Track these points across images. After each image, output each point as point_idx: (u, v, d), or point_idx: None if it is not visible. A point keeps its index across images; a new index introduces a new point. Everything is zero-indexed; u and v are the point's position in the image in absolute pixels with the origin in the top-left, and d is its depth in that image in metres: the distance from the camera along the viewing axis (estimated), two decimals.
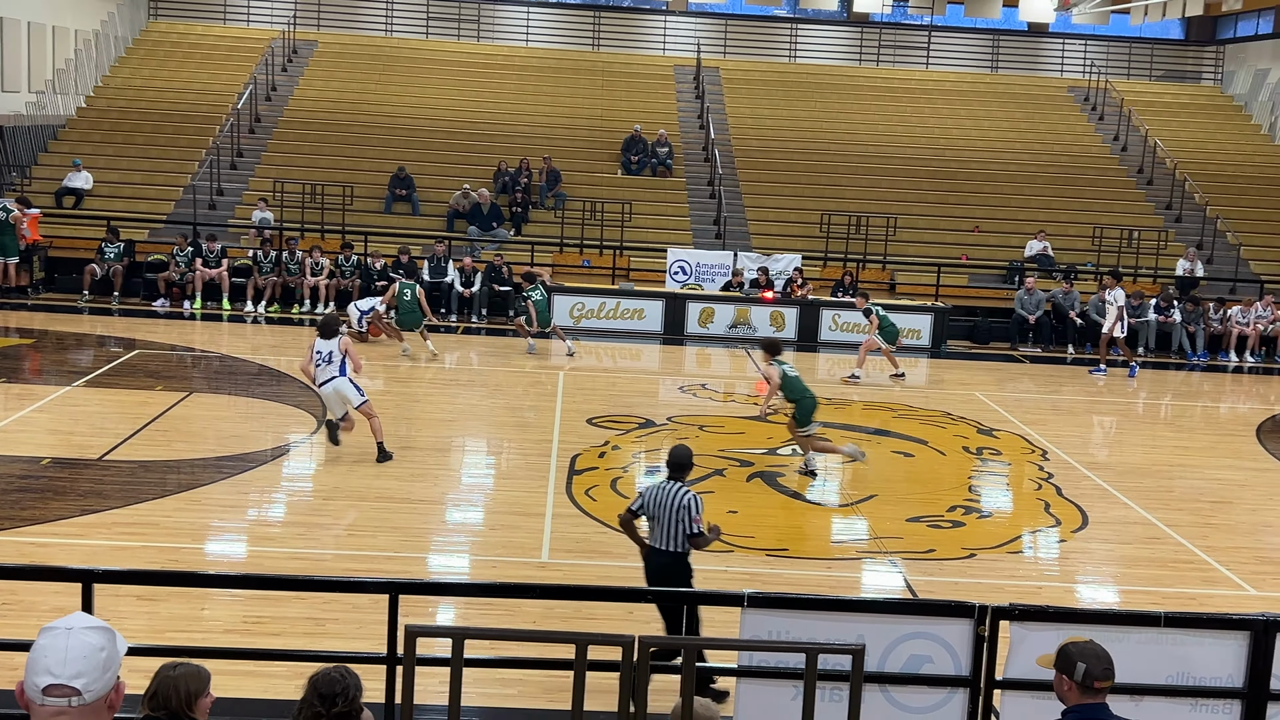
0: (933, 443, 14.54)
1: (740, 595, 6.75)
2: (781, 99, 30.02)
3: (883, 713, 6.66)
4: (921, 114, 29.86)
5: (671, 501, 7.89)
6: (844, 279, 22.22)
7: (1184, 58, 35.83)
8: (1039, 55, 35.36)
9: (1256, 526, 12.03)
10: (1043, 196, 26.45)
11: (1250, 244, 25.35)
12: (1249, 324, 21.54)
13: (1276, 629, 6.77)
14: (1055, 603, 9.21)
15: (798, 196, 25.75)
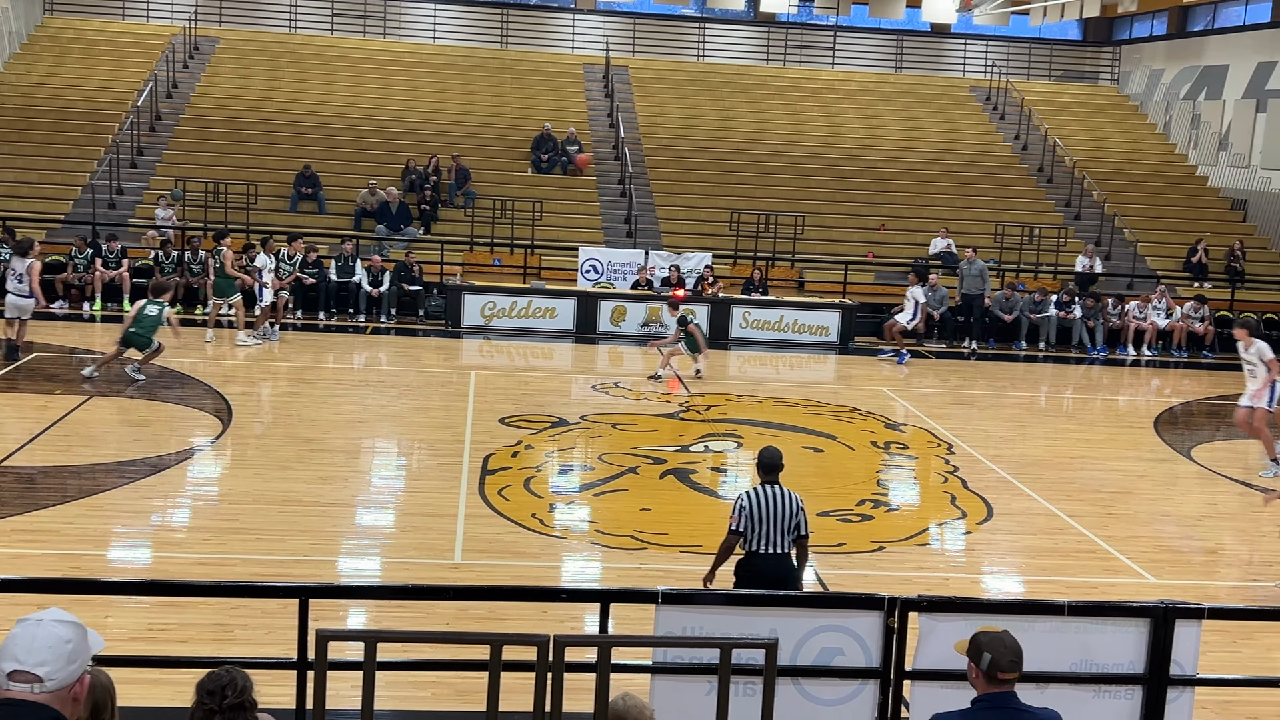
0: (842, 438, 14.71)
1: (654, 592, 6.78)
2: (691, 98, 30.16)
3: (795, 706, 6.72)
4: (828, 113, 30.20)
5: (787, 506, 7.93)
6: (754, 276, 22.39)
7: (1082, 58, 36.72)
8: (942, 55, 35.98)
9: (1155, 516, 12.36)
10: (946, 194, 26.91)
11: (1146, 240, 26.05)
12: (1146, 319, 22.13)
13: (1175, 616, 6.96)
14: (962, 593, 9.38)
15: (708, 195, 25.89)
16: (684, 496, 12.19)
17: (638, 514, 11.53)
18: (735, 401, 16.42)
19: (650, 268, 22.28)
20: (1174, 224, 26.78)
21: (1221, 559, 11.20)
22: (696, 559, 10.38)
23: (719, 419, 15.38)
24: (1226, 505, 13.01)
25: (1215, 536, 11.82)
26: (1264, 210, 28.45)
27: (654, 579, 9.49)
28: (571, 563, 10.42)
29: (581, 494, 12.21)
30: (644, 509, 11.68)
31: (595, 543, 10.79)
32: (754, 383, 18.02)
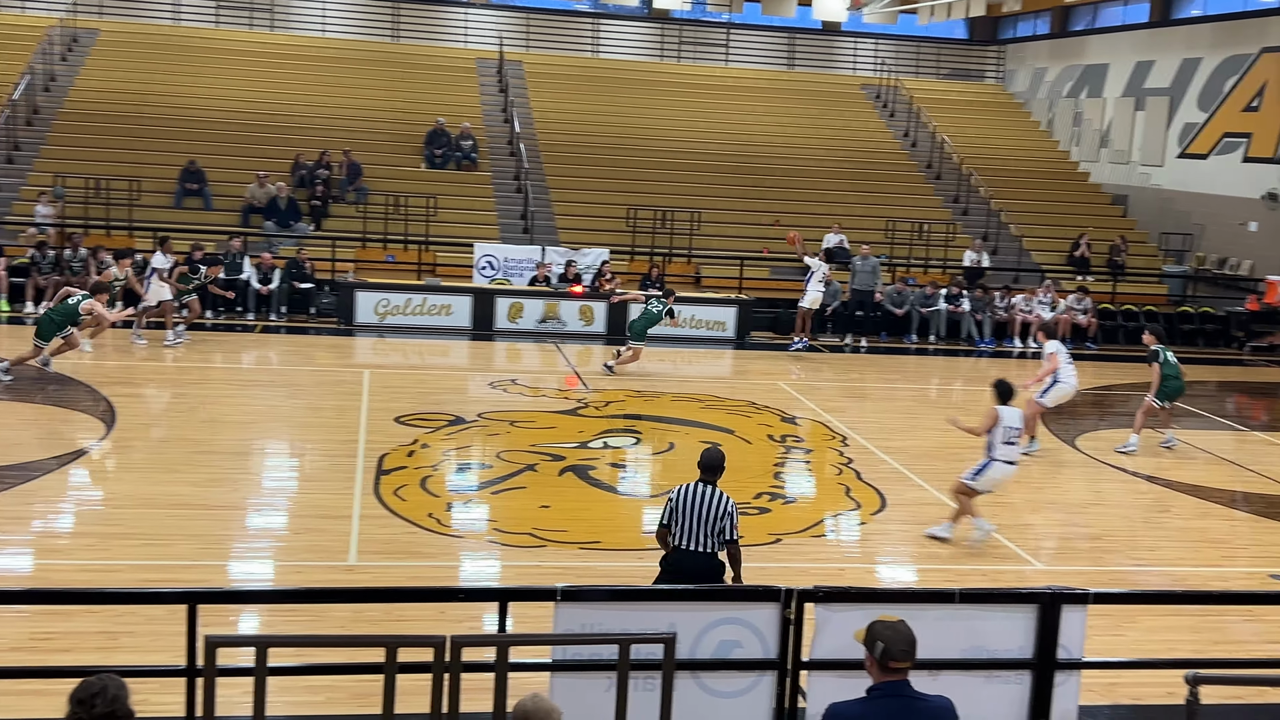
0: (739, 432, 14.82)
1: (553, 590, 6.75)
2: (586, 93, 30.12)
3: (694, 699, 6.75)
4: (722, 110, 30.39)
5: (712, 506, 7.88)
6: (651, 272, 22.44)
7: (968, 57, 37.49)
8: (833, 53, 36.45)
9: (1041, 504, 12.67)
10: (839, 190, 27.27)
11: (1031, 235, 26.68)
12: (1032, 312, 22.66)
13: (1062, 601, 7.13)
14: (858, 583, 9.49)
15: (604, 191, 25.88)
16: (583, 493, 12.17)
17: (537, 511, 11.48)
18: (634, 397, 16.44)
19: (547, 264, 22.20)
20: (1057, 219, 27.48)
21: (1106, 545, 11.51)
22: (596, 556, 10.38)
23: (618, 415, 15.39)
24: (1111, 492, 13.39)
25: (1100, 523, 12.15)
26: (1143, 205, 29.36)
27: (554, 576, 9.45)
28: (470, 562, 10.34)
29: (479, 492, 12.12)
30: (543, 506, 11.63)
31: (494, 541, 10.72)
32: (652, 378, 18.06)
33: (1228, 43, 28.06)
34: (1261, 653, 8.65)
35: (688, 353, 20.35)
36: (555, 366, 18.90)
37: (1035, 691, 7.15)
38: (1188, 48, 29.33)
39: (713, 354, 20.64)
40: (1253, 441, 16.16)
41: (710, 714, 6.81)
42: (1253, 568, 11.04)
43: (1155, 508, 12.83)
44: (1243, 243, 27.03)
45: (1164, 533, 11.97)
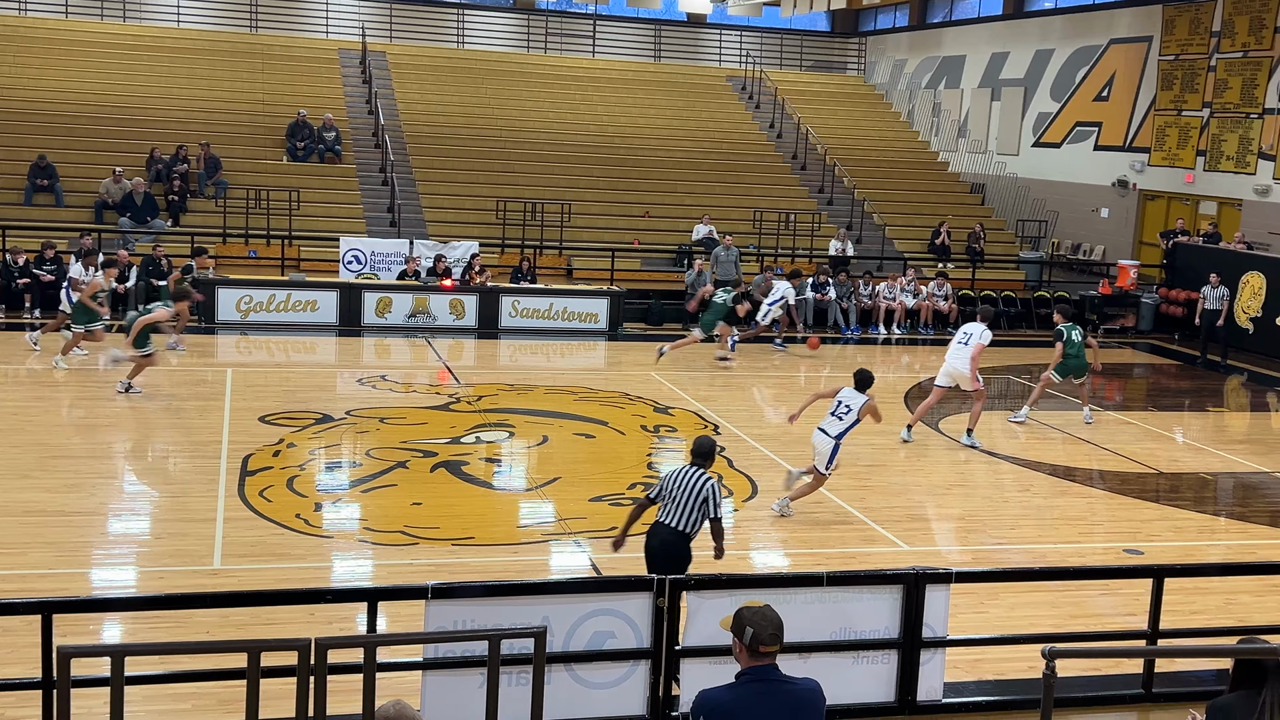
0: (613, 423, 14.85)
1: (424, 587, 6.68)
2: (452, 85, 29.82)
3: (569, 691, 6.76)
4: (590, 101, 30.39)
5: (693, 486, 8.21)
6: (522, 265, 22.34)
7: (830, 49, 38.13)
8: (699, 45, 36.73)
9: (907, 486, 12.96)
10: (707, 182, 27.49)
11: (893, 224, 27.27)
12: (895, 299, 23.16)
13: (926, 581, 7.31)
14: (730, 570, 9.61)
15: (473, 183, 25.67)
16: (456, 489, 12.06)
17: (408, 509, 11.34)
18: (507, 391, 16.35)
19: (416, 258, 21.93)
20: (918, 208, 28.13)
21: (969, 525, 11.83)
22: (470, 552, 10.29)
23: (490, 409, 15.28)
24: (973, 474, 13.76)
25: (963, 504, 12.48)
26: (1000, 194, 30.23)
27: (426, 574, 9.36)
28: (340, 562, 10.17)
29: (349, 491, 11.93)
30: (415, 503, 11.50)
31: (364, 540, 10.56)
32: (525, 371, 17.98)
33: (1078, 35, 29.04)
34: (1117, 625, 8.98)
35: (560, 345, 20.32)
36: (426, 362, 18.70)
37: (902, 670, 7.33)
38: (1041, 39, 30.28)
39: (585, 346, 20.64)
40: (1107, 421, 16.76)
41: (585, 705, 6.83)
42: (1109, 543, 11.45)
43: (1016, 487, 13.22)
44: (1095, 229, 28.03)
45: (1024, 511, 12.35)
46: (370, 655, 4.32)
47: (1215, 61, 25.08)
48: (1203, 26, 25.39)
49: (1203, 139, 25.35)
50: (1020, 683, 7.96)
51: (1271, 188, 23.71)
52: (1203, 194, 25.54)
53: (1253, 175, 24.16)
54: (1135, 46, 27.29)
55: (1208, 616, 9.27)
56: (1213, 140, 25.12)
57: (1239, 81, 24.54)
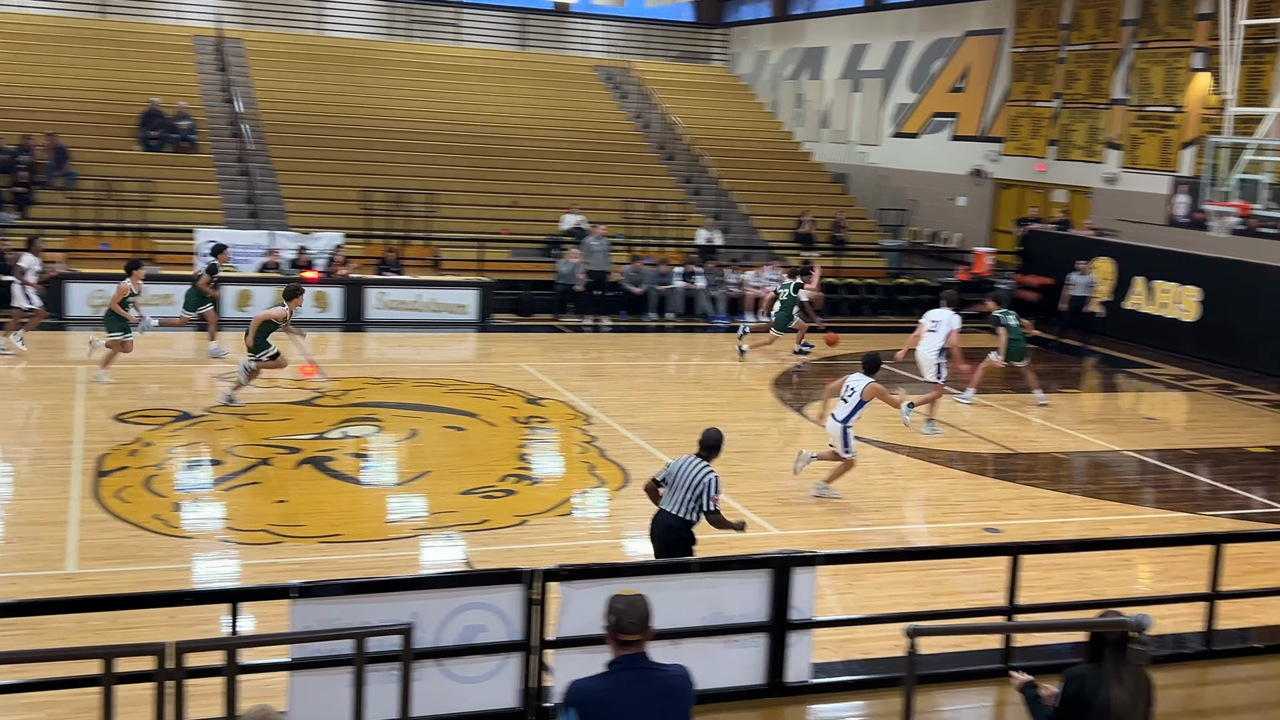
0: (483, 415, 14.74)
1: (288, 587, 6.55)
2: (312, 72, 29.21)
3: (440, 687, 6.69)
4: (455, 90, 30.08)
5: (693, 475, 8.46)
6: (387, 256, 22.01)
7: (695, 39, 38.39)
8: (565, 34, 36.63)
9: (776, 471, 13.12)
10: (575, 171, 27.44)
11: (759, 213, 27.59)
12: (761, 287, 23.43)
13: (793, 564, 7.42)
14: (603, 560, 9.63)
15: (335, 173, 25.18)
16: (322, 485, 11.84)
17: (272, 507, 11.10)
18: (374, 384, 16.10)
19: (277, 250, 21.44)
20: (783, 197, 28.50)
21: (835, 507, 12.03)
22: (337, 549, 10.12)
23: (357, 403, 15.03)
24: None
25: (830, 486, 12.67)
26: (862, 183, 30.82)
27: (292, 573, 9.16)
28: (202, 563, 9.90)
29: (210, 490, 11.62)
30: (279, 501, 11.26)
31: (227, 540, 10.31)
32: (393, 364, 17.73)
33: (934, 27, 29.75)
34: (978, 602, 9.24)
35: (429, 337, 20.08)
36: (289, 356, 18.27)
37: (771, 652, 7.43)
38: (899, 31, 30.93)
39: (455, 337, 20.44)
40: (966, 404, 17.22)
41: (456, 700, 6.77)
42: (969, 522, 11.78)
43: (880, 470, 13.51)
44: (952, 217, 28.77)
45: (889, 493, 12.62)
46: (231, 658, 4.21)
47: (1065, 53, 25.93)
48: (1053, 19, 26.23)
49: (1053, 129, 26.20)
50: (885, 661, 8.14)
51: (1119, 176, 24.63)
52: (1054, 182, 26.41)
53: (1101, 164, 25.07)
54: (989, 39, 28.07)
55: (1063, 591, 9.60)
56: (1063, 130, 25.98)
57: (1087, 73, 25.42)
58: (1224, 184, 19.73)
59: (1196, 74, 22.94)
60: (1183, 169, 23.19)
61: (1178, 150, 23.34)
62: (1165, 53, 23.63)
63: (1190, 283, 21.24)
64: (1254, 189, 19.32)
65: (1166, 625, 9.24)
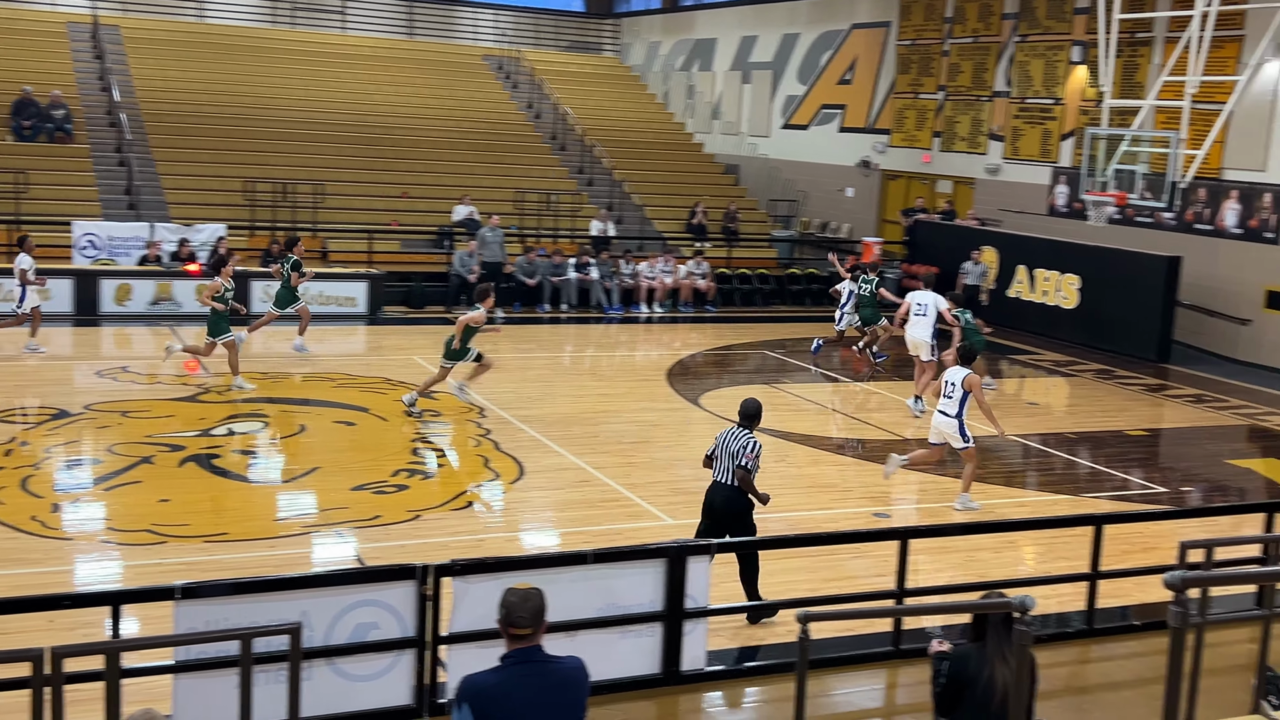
0: (374, 410, 14.54)
1: (172, 588, 6.38)
2: (192, 60, 28.48)
3: (331, 686, 6.58)
4: (342, 79, 29.59)
5: (735, 444, 8.95)
6: (272, 248, 21.57)
7: (586, 30, 38.30)
8: (453, 23, 36.26)
9: (671, 461, 13.18)
10: (466, 162, 27.20)
11: (652, 204, 27.66)
12: (656, 278, 23.51)
13: (688, 554, 7.45)
14: (498, 553, 9.56)
15: (218, 163, 24.60)
16: (207, 483, 11.57)
17: (155, 506, 10.81)
18: (260, 380, 15.77)
19: (158, 242, 20.89)
20: (676, 188, 28.61)
21: None
22: (223, 549, 9.89)
23: (243, 399, 14.72)
24: None
25: None
26: (753, 174, 31.08)
27: (177, 574, 8.93)
28: (83, 565, 9.60)
29: (90, 490, 11.27)
30: (162, 500, 10.97)
31: (108, 541, 10.02)
32: (280, 359, 17.38)
33: (822, 19, 30.10)
34: (869, 586, 9.37)
35: (318, 330, 19.71)
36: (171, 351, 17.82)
37: (666, 641, 7.45)
38: (788, 23, 31.23)
39: (344, 331, 20.13)
40: (855, 391, 17.49)
41: (348, 699, 6.66)
42: (860, 507, 11.96)
43: (774, 458, 13.60)
44: (841, 208, 29.16)
45: (782, 480, 12.74)
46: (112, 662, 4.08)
47: (949, 46, 26.43)
48: (937, 12, 26.71)
49: (938, 121, 26.70)
50: (779, 646, 8.22)
51: (1001, 167, 25.20)
52: (939, 173, 26.92)
53: (984, 155, 25.62)
54: (875, 31, 28.48)
55: (950, 574, 9.80)
56: (947, 122, 26.49)
57: (970, 66, 25.95)
58: (1101, 174, 20.31)
59: (1075, 67, 23.57)
60: (1062, 160, 23.82)
61: (1057, 142, 23.96)
62: (1045, 46, 24.23)
63: (1070, 271, 21.84)
64: (1130, 179, 19.91)
65: (1050, 605, 9.50)
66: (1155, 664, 8.42)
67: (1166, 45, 21.42)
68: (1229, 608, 9.19)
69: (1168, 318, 20.50)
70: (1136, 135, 20.09)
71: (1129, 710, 7.81)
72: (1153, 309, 20.44)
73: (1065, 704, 7.83)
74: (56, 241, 20.95)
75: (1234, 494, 13.32)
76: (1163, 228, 21.65)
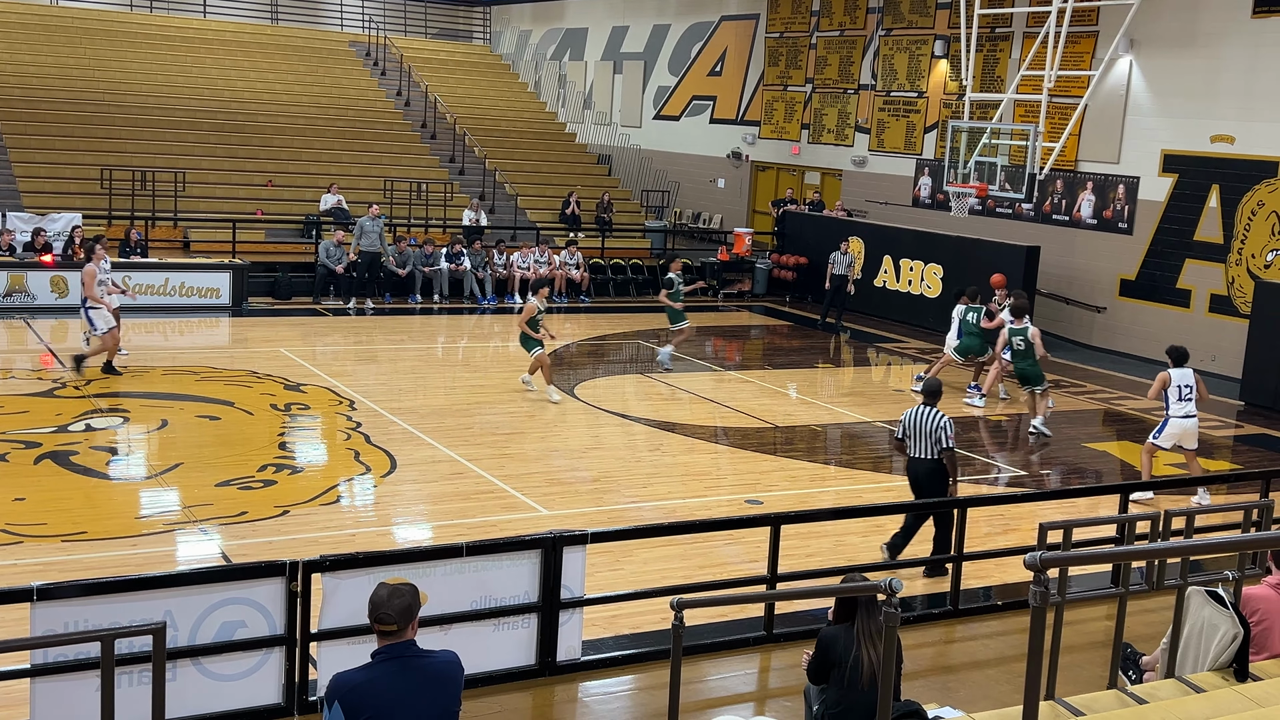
0: (240, 403, 14.20)
1: (29, 589, 6.16)
2: (45, 43, 27.44)
3: (197, 686, 6.42)
4: (202, 64, 28.80)
5: (927, 422, 9.79)
6: (130, 237, 20.90)
7: (455, 17, 37.92)
8: (318, 9, 35.60)
9: (545, 452, 13.15)
10: (333, 150, 26.72)
11: (525, 194, 27.52)
12: (529, 268, 23.41)
13: (563, 544, 7.44)
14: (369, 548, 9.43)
15: (73, 150, 23.75)
16: (64, 481, 11.17)
17: (9, 505, 10.40)
18: (120, 375, 15.28)
19: (10, 231, 20.07)
20: (549, 178, 28.52)
21: (605, 486, 12.15)
22: (83, 548, 9.57)
23: (102, 394, 14.25)
24: (608, 437, 14.14)
25: (599, 466, 12.81)
26: (625, 164, 31.17)
27: (33, 574, 8.61)
28: None
29: None
30: (17, 499, 10.56)
31: None
32: (140, 352, 16.85)
33: (691, 11, 30.29)
34: (741, 572, 9.49)
35: (179, 323, 19.21)
36: (25, 345, 17.18)
37: (542, 632, 7.43)
38: (658, 14, 31.36)
39: (207, 323, 19.62)
40: (729, 380, 17.68)
41: (216, 699, 6.51)
42: (733, 495, 12.09)
43: (647, 447, 13.71)
44: (713, 198, 29.44)
45: (656, 470, 12.83)
46: None
47: (815, 39, 26.84)
48: (804, 6, 27.10)
49: (806, 113, 27.10)
50: (655, 634, 8.26)
51: (867, 159, 25.70)
52: (808, 165, 27.34)
53: (851, 147, 26.09)
54: (744, 24, 28.77)
55: (820, 558, 9.97)
56: (815, 114, 26.90)
57: (837, 59, 26.39)
58: (963, 167, 20.85)
59: (937, 61, 24.14)
60: (926, 152, 24.39)
61: (921, 134, 24.52)
62: (909, 40, 24.77)
63: (933, 260, 22.38)
64: (991, 171, 20.49)
65: (916, 587, 9.75)
66: (1017, 642, 8.71)
67: (1025, 40, 22.08)
68: (1087, 586, 9.55)
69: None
70: (996, 128, 20.68)
71: (993, 688, 8.04)
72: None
73: (931, 683, 8.03)
74: None
75: (1091, 476, 13.82)
76: (1022, 218, 22.33)
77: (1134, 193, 20.71)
